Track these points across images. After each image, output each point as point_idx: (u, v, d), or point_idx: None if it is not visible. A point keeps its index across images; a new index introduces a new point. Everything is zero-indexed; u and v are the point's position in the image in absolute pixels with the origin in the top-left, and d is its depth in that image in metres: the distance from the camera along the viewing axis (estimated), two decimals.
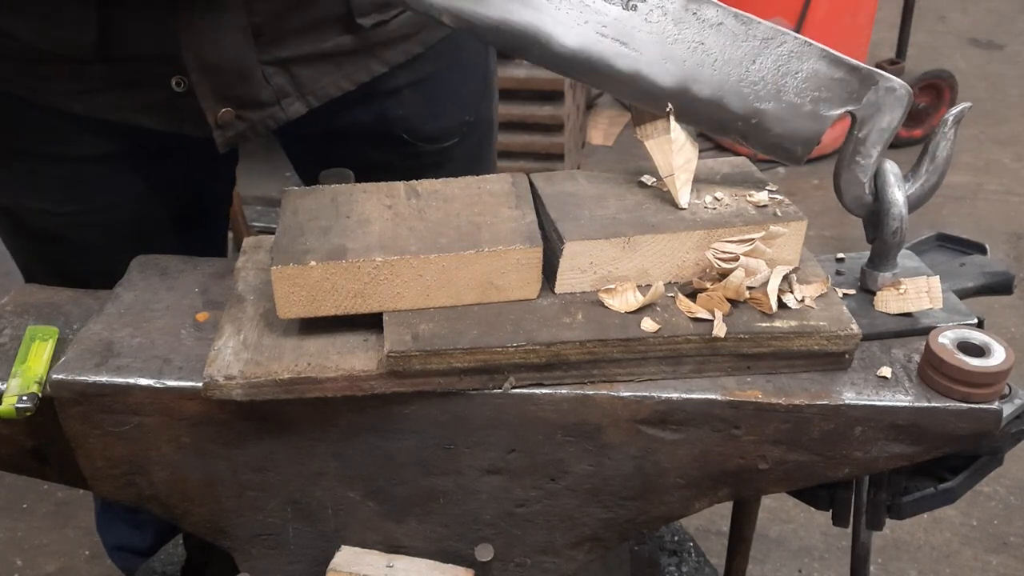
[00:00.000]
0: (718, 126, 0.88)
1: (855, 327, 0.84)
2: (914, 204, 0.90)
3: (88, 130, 1.08)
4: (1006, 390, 0.85)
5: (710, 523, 2.07)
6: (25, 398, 0.83)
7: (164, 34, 0.96)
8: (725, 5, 0.84)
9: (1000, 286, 1.04)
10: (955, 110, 0.88)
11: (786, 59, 0.85)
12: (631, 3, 0.83)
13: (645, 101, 0.88)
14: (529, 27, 0.84)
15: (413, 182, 0.95)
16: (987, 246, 1.10)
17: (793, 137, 0.88)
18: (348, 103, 1.14)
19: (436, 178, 0.95)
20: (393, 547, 0.93)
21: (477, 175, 0.95)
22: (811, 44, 0.85)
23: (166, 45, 0.96)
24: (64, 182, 1.12)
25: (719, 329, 0.82)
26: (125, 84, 1.03)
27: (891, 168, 0.89)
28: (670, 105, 0.87)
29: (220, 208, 1.37)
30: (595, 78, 0.87)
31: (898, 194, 0.88)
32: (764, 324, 0.84)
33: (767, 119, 0.87)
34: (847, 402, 0.83)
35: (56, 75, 1.02)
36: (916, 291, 0.91)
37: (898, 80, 0.86)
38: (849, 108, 0.87)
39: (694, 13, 0.84)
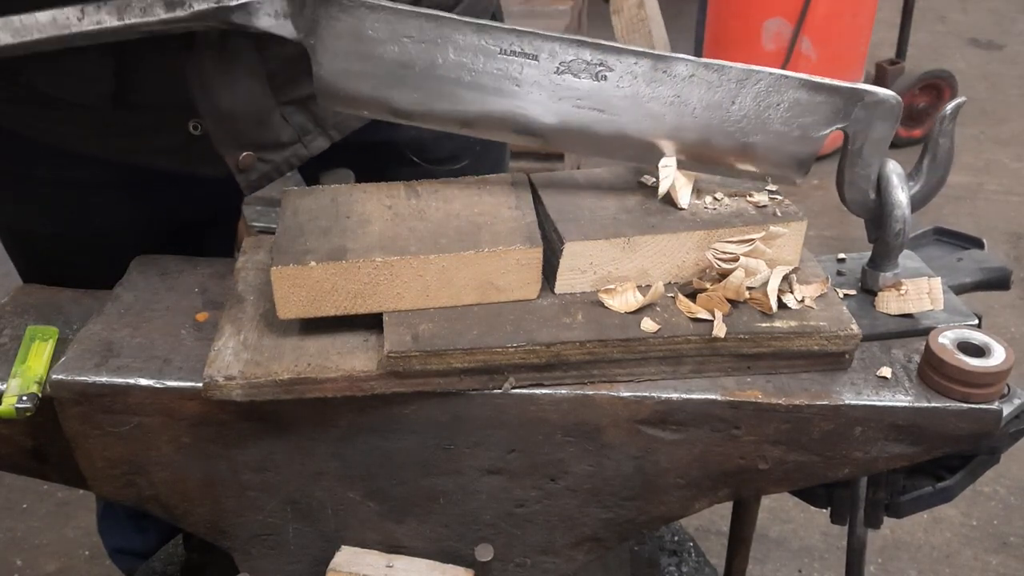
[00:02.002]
0: (711, 164, 0.90)
1: (855, 327, 0.84)
2: (919, 202, 0.90)
3: (94, 160, 1.07)
4: (1005, 390, 0.85)
5: (710, 523, 2.07)
6: (25, 398, 0.83)
7: (179, 83, 0.94)
8: (693, 58, 0.86)
9: (998, 281, 1.04)
10: (951, 105, 0.88)
11: (764, 94, 0.86)
12: (601, 74, 0.85)
13: (635, 158, 0.90)
14: (508, 114, 0.87)
15: (413, 182, 0.95)
16: (984, 240, 1.09)
17: (787, 162, 0.90)
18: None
19: None
20: (393, 547, 0.93)
21: None
22: (787, 76, 0.86)
23: (182, 93, 0.95)
24: (70, 207, 1.11)
25: (719, 329, 0.82)
26: (142, 129, 1.01)
27: (894, 169, 0.89)
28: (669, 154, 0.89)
29: (227, 226, 1.36)
30: (580, 146, 0.89)
31: (901, 196, 0.88)
32: (764, 324, 0.84)
33: (758, 151, 0.89)
34: (847, 402, 0.83)
35: (73, 121, 1.01)
36: (917, 292, 0.91)
37: (885, 91, 0.86)
38: (838, 126, 0.88)
39: (664, 71, 0.86)
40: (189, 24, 0.82)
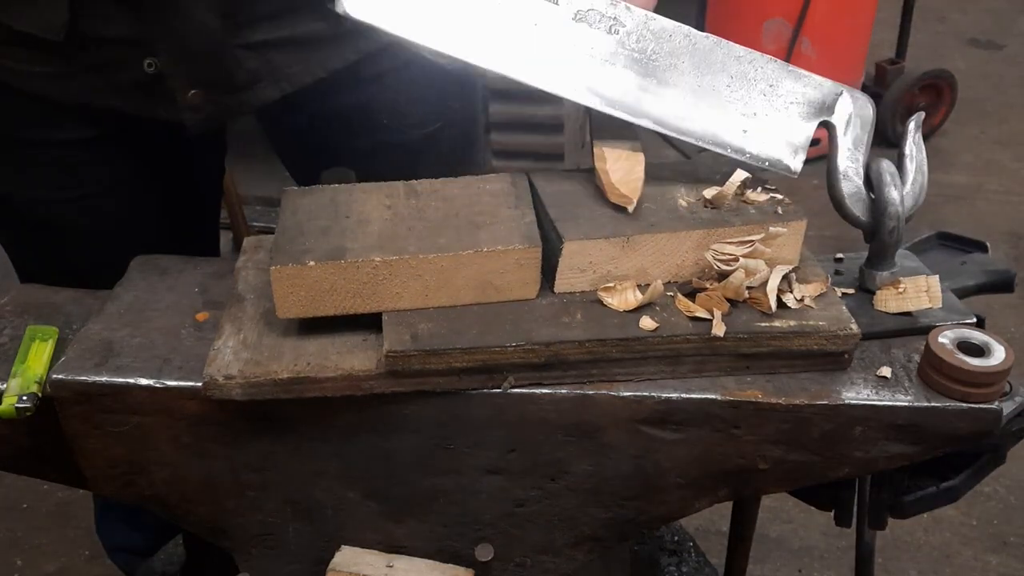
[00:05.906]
0: (713, 141, 0.90)
1: (854, 327, 0.84)
2: (908, 208, 0.90)
3: (73, 115, 1.09)
4: (1007, 387, 0.85)
5: (710, 523, 2.07)
6: (25, 398, 0.83)
7: (135, 16, 0.97)
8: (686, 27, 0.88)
9: (1002, 284, 1.04)
10: (911, 122, 0.91)
11: (753, 73, 0.90)
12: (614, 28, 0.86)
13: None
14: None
15: (412, 182, 0.95)
16: (988, 244, 1.09)
17: (782, 147, 0.92)
18: (332, 90, 1.14)
19: (426, 164, 0.96)
20: (393, 547, 0.93)
21: (467, 162, 0.96)
22: (776, 60, 0.90)
23: (138, 28, 0.97)
24: (52, 167, 1.14)
25: (718, 328, 0.82)
26: (99, 66, 1.03)
27: (887, 167, 0.89)
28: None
29: (210, 200, 1.38)
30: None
31: (894, 193, 0.88)
32: (763, 324, 0.84)
33: (753, 128, 0.90)
34: (847, 402, 0.83)
35: (31, 59, 1.03)
36: (915, 290, 0.91)
37: (855, 91, 0.90)
38: (824, 118, 0.90)
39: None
40: None
